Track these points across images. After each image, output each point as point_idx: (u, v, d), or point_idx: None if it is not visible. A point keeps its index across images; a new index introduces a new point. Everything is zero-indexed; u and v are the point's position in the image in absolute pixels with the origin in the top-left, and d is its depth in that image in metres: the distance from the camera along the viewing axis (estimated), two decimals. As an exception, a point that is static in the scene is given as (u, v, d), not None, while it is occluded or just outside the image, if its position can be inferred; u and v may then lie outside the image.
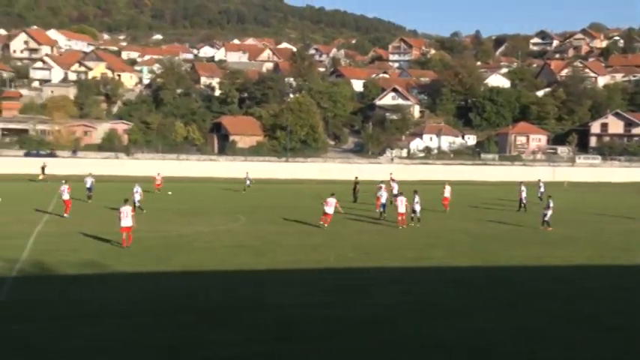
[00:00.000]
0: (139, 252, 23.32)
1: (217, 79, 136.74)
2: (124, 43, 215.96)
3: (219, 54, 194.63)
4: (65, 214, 33.40)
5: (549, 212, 32.13)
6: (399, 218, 31.97)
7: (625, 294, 18.85)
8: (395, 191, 39.78)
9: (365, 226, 32.80)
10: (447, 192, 40.62)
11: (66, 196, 34.00)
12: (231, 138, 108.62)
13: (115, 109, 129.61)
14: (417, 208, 33.32)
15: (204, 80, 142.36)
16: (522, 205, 41.96)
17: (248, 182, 55.37)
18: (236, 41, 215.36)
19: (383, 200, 36.31)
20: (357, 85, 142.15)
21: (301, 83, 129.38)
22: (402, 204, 31.98)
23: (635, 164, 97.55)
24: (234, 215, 36.34)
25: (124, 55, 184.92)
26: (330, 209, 30.96)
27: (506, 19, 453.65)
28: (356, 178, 49.37)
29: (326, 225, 30.83)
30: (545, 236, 30.25)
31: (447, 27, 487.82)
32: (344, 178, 68.96)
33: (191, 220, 33.99)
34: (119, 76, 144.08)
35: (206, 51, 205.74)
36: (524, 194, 42.44)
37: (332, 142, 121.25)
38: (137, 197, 36.66)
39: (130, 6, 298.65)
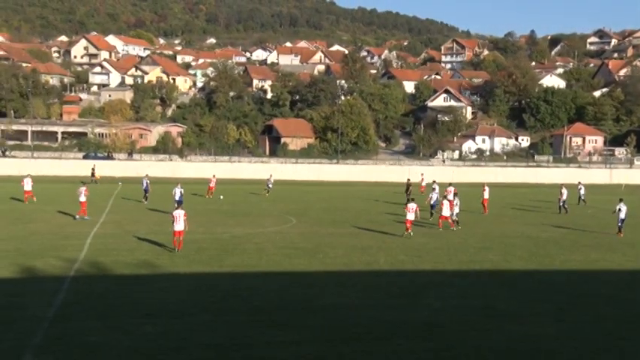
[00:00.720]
0: (192, 253, 23.69)
1: (269, 82, 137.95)
2: (179, 48, 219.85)
3: (272, 57, 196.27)
4: (77, 216, 33.36)
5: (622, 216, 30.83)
6: (440, 221, 31.85)
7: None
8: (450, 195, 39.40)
9: (415, 229, 32.52)
10: (486, 193, 40.27)
11: (82, 198, 33.65)
12: (283, 140, 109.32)
13: (169, 113, 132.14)
14: (456, 210, 32.93)
15: (256, 83, 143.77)
16: (564, 207, 41.17)
17: (270, 185, 51.89)
18: (288, 44, 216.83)
19: (432, 201, 36.34)
20: (409, 87, 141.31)
21: (352, 85, 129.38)
22: (445, 207, 31.69)
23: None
24: (285, 217, 36.55)
25: (179, 59, 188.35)
26: (411, 215, 28.83)
27: (563, 18, 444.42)
28: (408, 180, 49.18)
29: (411, 233, 28.83)
30: (601, 240, 29.50)
31: (500, 27, 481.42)
32: (395, 180, 68.75)
33: (242, 221, 34.32)
34: (174, 79, 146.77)
35: (258, 54, 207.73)
36: (564, 196, 41.66)
37: (383, 144, 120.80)
38: (177, 196, 37.69)
39: (186, 11, 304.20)
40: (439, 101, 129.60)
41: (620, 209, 30.88)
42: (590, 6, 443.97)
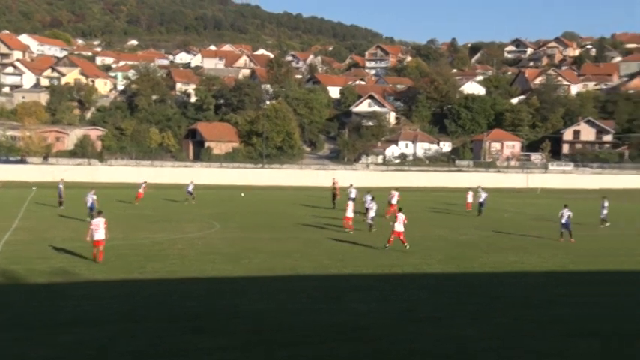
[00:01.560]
0: (111, 260, 22.97)
1: (193, 86, 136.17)
2: (99, 49, 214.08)
3: (196, 60, 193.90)
4: None
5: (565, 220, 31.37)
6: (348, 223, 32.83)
7: (598, 300, 18.95)
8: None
9: (340, 233, 32.67)
10: (394, 199, 40.59)
11: None
12: (207, 144, 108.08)
13: (88, 115, 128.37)
14: (372, 214, 33.20)
15: (179, 86, 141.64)
16: (480, 209, 42.68)
17: (190, 190, 48.90)
18: (212, 47, 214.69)
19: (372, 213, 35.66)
20: (334, 92, 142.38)
21: (278, 90, 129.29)
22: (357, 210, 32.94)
23: (606, 171, 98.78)
24: (208, 222, 36.06)
25: (99, 60, 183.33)
26: (400, 226, 27.20)
27: (482, 27, 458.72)
28: (334, 184, 49.26)
29: (388, 245, 27.14)
30: (518, 242, 30.43)
31: (423, 34, 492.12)
32: (319, 185, 69.05)
33: (164, 227, 33.64)
34: (93, 81, 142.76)
35: (182, 57, 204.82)
36: (481, 199, 43.45)
37: (308, 149, 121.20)
38: (89, 203, 35.57)
39: (105, 11, 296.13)
40: (363, 106, 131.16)
41: (562, 214, 31.53)
42: (508, 16, 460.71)
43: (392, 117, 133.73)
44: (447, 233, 33.48)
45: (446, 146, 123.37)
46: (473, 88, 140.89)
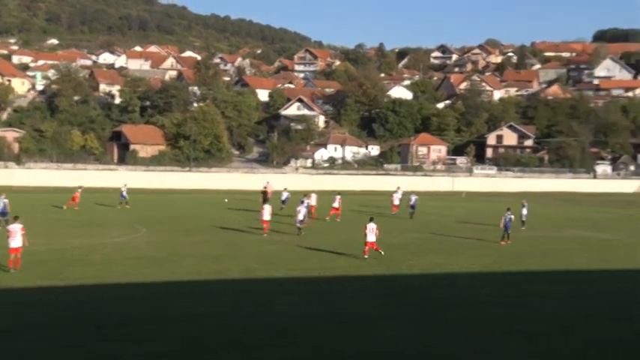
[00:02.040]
0: (31, 266, 21.92)
1: (118, 87, 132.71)
2: (15, 47, 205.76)
3: (120, 61, 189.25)
4: None
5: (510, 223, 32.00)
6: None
7: (523, 299, 19.38)
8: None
9: (269, 236, 32.39)
10: (337, 202, 41.22)
11: None
12: (132, 147, 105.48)
13: (4, 116, 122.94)
14: (300, 217, 33.35)
15: (103, 87, 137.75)
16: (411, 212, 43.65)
17: (124, 194, 47.67)
18: (138, 48, 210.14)
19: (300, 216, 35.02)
20: (263, 95, 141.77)
21: (205, 92, 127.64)
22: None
23: (527, 175, 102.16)
24: (133, 226, 35.11)
25: (15, 59, 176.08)
26: (372, 236, 25.95)
27: (409, 32, 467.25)
28: (264, 187, 49.32)
29: (366, 256, 25.92)
30: (446, 244, 30.91)
31: (351, 39, 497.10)
32: (248, 188, 68.56)
33: (87, 231, 32.57)
34: (9, 81, 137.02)
35: (106, 57, 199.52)
36: (412, 202, 44.39)
37: (236, 152, 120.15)
38: (0, 206, 33.70)
39: (22, 8, 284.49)
40: (292, 110, 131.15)
41: (505, 217, 32.02)
42: (434, 23, 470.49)
43: (321, 120, 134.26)
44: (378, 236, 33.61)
45: (374, 150, 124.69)
46: (400, 92, 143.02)
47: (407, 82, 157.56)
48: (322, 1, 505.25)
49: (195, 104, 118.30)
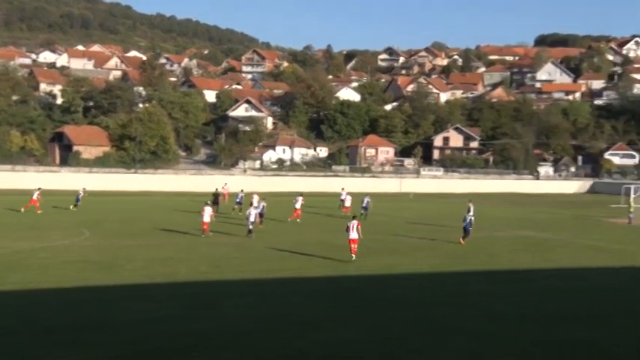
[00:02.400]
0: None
1: (59, 87, 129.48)
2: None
3: (62, 60, 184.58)
4: None
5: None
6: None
7: (468, 299, 19.63)
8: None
9: (217, 238, 32.06)
10: (298, 204, 41.46)
11: None
12: (75, 148, 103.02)
13: None
14: (251, 218, 33.09)
15: (44, 87, 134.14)
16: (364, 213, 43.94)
17: (80, 198, 47.67)
18: (80, 47, 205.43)
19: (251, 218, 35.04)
20: (210, 96, 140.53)
21: (151, 93, 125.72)
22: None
23: (472, 176, 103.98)
24: (77, 229, 34.23)
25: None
26: (354, 234, 25.70)
27: (356, 35, 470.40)
28: (222, 188, 49.16)
29: (353, 254, 25.60)
30: (394, 245, 31.11)
31: (299, 40, 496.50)
32: (196, 190, 67.79)
33: (27, 235, 31.60)
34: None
35: (46, 56, 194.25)
36: (364, 203, 45.00)
37: (183, 153, 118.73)
38: None
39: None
40: (240, 111, 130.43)
41: (465, 218, 32.42)
42: (381, 25, 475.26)
43: (269, 122, 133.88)
44: (325, 237, 33.68)
45: (322, 151, 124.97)
46: (348, 94, 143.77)
47: (355, 84, 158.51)
48: (269, 2, 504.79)
49: (140, 105, 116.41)
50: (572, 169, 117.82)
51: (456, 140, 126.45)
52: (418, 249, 30.09)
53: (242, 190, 48.64)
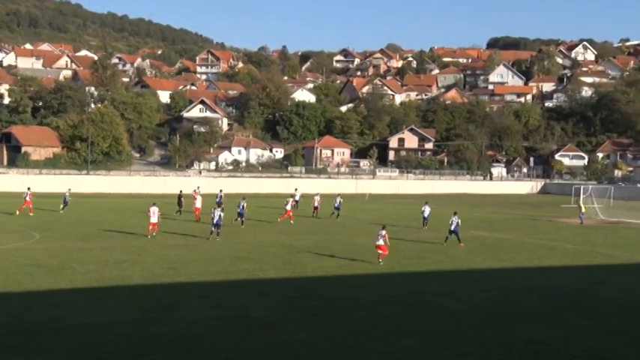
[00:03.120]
0: None
1: (6, 86, 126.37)
2: None
3: (9, 59, 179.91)
4: None
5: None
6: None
7: (422, 299, 19.75)
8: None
9: (172, 240, 31.61)
10: (289, 205, 42.23)
11: None
12: (24, 149, 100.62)
13: None
14: (214, 220, 32.70)
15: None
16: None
17: (67, 199, 47.50)
18: (28, 46, 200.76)
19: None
20: (164, 97, 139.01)
21: (103, 93, 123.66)
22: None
23: (428, 177, 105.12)
24: (26, 232, 33.33)
25: None
26: (380, 240, 26.30)
27: (311, 36, 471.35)
28: (180, 191, 49.44)
29: (381, 260, 26.09)
30: (350, 247, 31.16)
31: (254, 41, 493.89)
32: (151, 192, 66.86)
33: (-25, 238, 30.54)
34: None
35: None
36: (336, 204, 45.73)
37: (137, 155, 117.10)
38: None
39: None
40: (195, 112, 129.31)
41: (452, 221, 32.29)
42: (336, 27, 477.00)
43: (224, 123, 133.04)
44: (282, 239, 33.55)
45: (278, 153, 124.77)
46: (304, 95, 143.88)
47: (310, 86, 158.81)
48: (224, 2, 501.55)
49: (92, 105, 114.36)
50: (525, 170, 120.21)
51: (411, 141, 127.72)
52: (374, 250, 30.13)
53: (221, 190, 49.20)
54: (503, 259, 28.33)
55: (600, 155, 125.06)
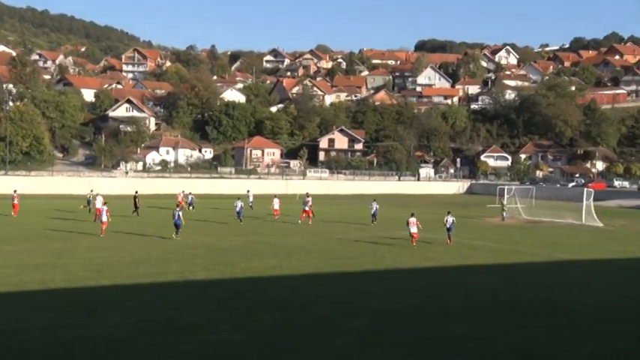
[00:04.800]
0: None
1: None
2: None
3: None
4: None
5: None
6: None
7: (352, 299, 19.81)
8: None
9: (97, 242, 30.67)
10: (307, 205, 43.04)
11: None
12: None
13: None
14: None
15: None
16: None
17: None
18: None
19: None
20: (88, 95, 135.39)
21: (23, 91, 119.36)
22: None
23: (358, 177, 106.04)
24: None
25: None
26: (414, 228, 31.48)
27: (241, 35, 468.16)
28: (136, 192, 48.90)
29: (414, 244, 31.25)
30: (279, 247, 31.02)
31: (182, 40, 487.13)
32: (75, 193, 65.00)
33: None
34: None
35: None
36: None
37: (60, 155, 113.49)
38: None
39: None
40: (121, 111, 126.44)
41: (446, 220, 33.18)
42: (265, 26, 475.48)
43: (152, 123, 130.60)
44: (210, 240, 33.10)
45: (208, 153, 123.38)
46: (233, 95, 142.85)
47: (240, 86, 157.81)
48: None
49: (11, 103, 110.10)
50: (452, 170, 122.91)
51: (341, 142, 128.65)
52: (304, 250, 30.15)
53: (190, 193, 54.84)
54: (430, 258, 28.75)
55: (523, 156, 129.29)
